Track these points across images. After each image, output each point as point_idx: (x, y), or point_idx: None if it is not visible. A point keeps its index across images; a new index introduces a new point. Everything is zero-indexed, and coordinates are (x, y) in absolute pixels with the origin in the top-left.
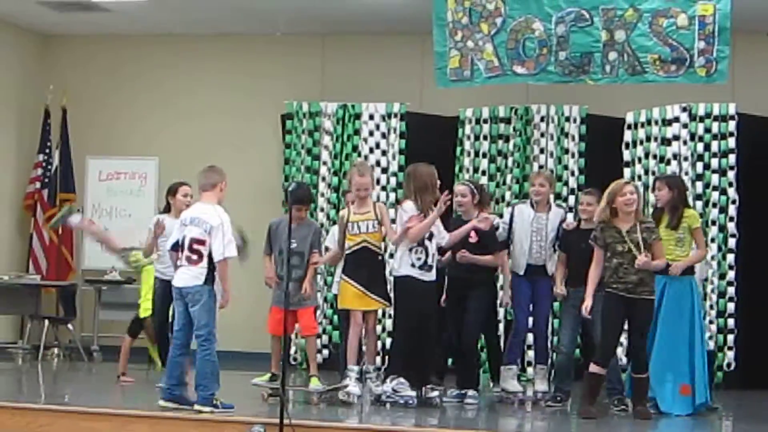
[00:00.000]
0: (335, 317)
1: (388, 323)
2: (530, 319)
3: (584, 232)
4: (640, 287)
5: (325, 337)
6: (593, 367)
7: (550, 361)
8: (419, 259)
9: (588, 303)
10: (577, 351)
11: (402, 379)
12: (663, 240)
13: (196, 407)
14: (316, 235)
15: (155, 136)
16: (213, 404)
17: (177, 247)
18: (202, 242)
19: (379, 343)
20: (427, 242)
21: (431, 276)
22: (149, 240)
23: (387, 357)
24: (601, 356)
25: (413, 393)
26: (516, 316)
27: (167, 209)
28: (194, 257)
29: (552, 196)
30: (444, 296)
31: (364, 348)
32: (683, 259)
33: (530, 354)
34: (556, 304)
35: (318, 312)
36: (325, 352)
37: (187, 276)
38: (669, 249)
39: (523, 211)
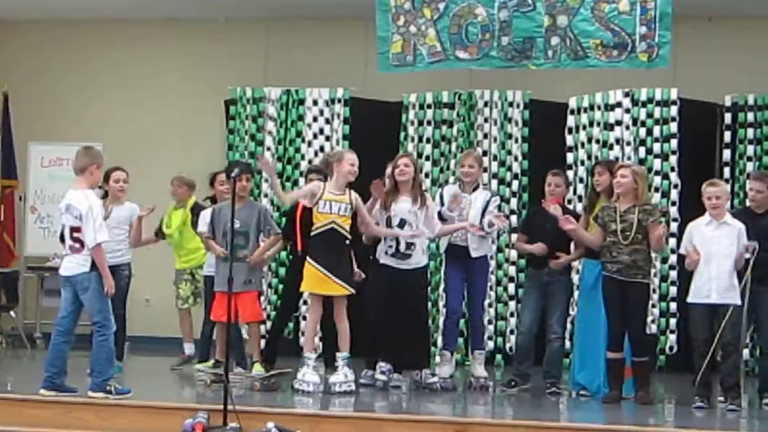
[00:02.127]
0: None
1: None
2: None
3: (548, 213)
4: (633, 269)
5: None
6: (608, 354)
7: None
8: (390, 247)
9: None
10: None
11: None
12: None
13: (89, 393)
14: (262, 215)
15: (98, 122)
16: (106, 390)
17: (62, 237)
18: (78, 229)
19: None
20: (397, 229)
21: (410, 264)
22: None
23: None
24: (612, 341)
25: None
26: (447, 299)
27: (105, 195)
28: (76, 245)
29: (483, 177)
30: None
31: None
32: None
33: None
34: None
35: (262, 298)
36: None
37: (72, 264)
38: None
39: (450, 192)
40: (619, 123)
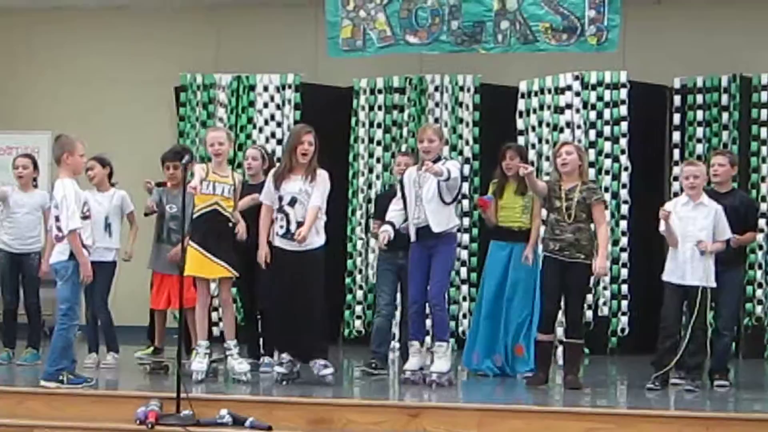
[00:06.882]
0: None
1: None
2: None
3: None
4: (575, 248)
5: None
6: (539, 336)
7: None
8: (281, 227)
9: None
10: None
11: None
12: (510, 207)
13: (41, 382)
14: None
15: (47, 110)
16: (58, 380)
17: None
18: (57, 218)
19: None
20: (287, 208)
21: (301, 245)
22: None
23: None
24: (544, 323)
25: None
26: (408, 287)
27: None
28: (59, 234)
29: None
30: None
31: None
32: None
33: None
34: None
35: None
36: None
37: (55, 252)
38: (516, 216)
39: (410, 174)
40: (569, 106)
